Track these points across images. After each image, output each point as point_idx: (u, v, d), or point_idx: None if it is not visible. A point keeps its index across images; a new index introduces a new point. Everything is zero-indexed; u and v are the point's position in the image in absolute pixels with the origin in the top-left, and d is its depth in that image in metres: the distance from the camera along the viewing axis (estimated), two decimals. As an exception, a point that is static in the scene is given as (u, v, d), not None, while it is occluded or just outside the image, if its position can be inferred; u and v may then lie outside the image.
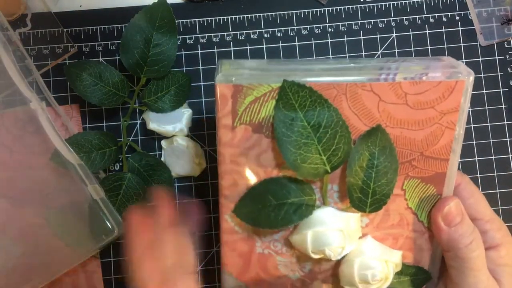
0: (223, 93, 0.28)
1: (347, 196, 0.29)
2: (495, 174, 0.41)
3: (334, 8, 0.42)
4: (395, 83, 0.28)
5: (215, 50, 0.41)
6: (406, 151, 0.29)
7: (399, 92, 0.28)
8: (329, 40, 0.41)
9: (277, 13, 0.41)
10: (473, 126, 0.41)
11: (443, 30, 0.42)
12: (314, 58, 0.41)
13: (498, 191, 0.41)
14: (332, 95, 0.28)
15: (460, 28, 0.42)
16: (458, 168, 0.31)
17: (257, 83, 0.28)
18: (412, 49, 0.41)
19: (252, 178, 0.29)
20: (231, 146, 0.29)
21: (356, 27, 0.42)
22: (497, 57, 0.42)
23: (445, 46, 0.41)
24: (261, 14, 0.41)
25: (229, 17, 0.41)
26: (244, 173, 0.30)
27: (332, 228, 0.28)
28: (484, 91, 0.41)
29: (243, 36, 0.41)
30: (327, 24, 0.41)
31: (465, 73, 0.28)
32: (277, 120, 0.28)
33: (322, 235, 0.28)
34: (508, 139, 0.41)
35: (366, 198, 0.29)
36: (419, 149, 0.29)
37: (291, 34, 0.41)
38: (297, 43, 0.41)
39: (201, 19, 0.41)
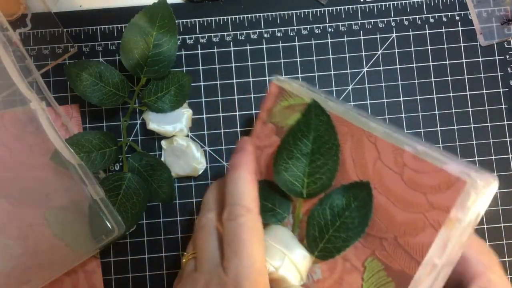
0: (272, 90, 0.32)
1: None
2: (495, 174, 0.41)
3: (334, 8, 0.42)
4: (398, 148, 0.26)
5: (215, 50, 0.41)
6: (382, 226, 0.26)
7: (399, 160, 0.26)
8: (329, 40, 0.41)
9: (277, 13, 0.41)
10: (473, 126, 0.41)
11: (443, 30, 0.42)
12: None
13: (498, 191, 0.40)
14: (342, 131, 0.28)
15: (460, 28, 0.42)
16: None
17: (296, 94, 0.30)
18: (412, 49, 0.41)
19: (255, 172, 0.31)
20: (258, 137, 0.32)
21: (356, 27, 0.42)
22: (497, 57, 0.42)
23: (445, 46, 0.41)
24: (261, 14, 0.41)
25: (229, 17, 0.41)
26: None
27: (278, 246, 0.28)
28: (484, 91, 0.41)
29: (243, 36, 0.41)
30: (327, 24, 0.41)
31: (473, 179, 0.23)
32: (292, 129, 0.29)
33: (267, 247, 0.28)
34: (508, 139, 0.41)
35: (319, 241, 0.28)
36: (394, 231, 0.26)
37: (291, 34, 0.41)
38: (297, 43, 0.41)
39: (201, 19, 0.41)
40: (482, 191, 0.23)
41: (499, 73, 0.41)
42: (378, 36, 0.41)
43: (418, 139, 0.28)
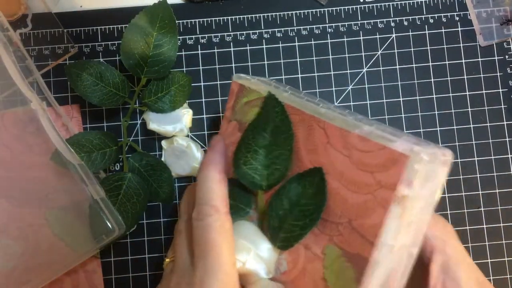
0: (233, 89, 0.32)
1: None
2: (495, 174, 0.41)
3: (333, 8, 0.42)
4: (344, 130, 0.25)
5: (215, 50, 0.41)
6: (337, 211, 0.26)
7: (347, 142, 0.25)
8: (329, 41, 0.42)
9: (277, 13, 0.42)
10: (473, 126, 0.41)
11: (443, 30, 0.42)
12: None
13: (497, 191, 0.41)
14: (295, 120, 0.28)
15: (459, 29, 0.42)
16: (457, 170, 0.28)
17: (253, 88, 0.31)
18: (412, 49, 0.41)
19: (225, 171, 0.30)
20: (224, 136, 0.32)
21: (356, 27, 0.42)
22: (496, 58, 0.42)
23: (445, 46, 0.42)
24: (261, 15, 0.42)
25: (229, 17, 0.41)
26: None
27: (243, 240, 0.28)
28: (484, 92, 0.41)
29: (243, 36, 0.41)
30: (327, 25, 0.42)
31: (415, 153, 0.22)
32: (252, 124, 0.29)
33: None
34: (507, 139, 0.41)
35: (279, 231, 0.28)
36: (348, 214, 0.25)
37: (291, 35, 0.41)
38: (297, 44, 0.41)
39: (201, 20, 0.41)
40: (431, 165, 0.23)
41: (498, 74, 0.42)
42: (377, 36, 0.42)
43: (368, 120, 0.27)
